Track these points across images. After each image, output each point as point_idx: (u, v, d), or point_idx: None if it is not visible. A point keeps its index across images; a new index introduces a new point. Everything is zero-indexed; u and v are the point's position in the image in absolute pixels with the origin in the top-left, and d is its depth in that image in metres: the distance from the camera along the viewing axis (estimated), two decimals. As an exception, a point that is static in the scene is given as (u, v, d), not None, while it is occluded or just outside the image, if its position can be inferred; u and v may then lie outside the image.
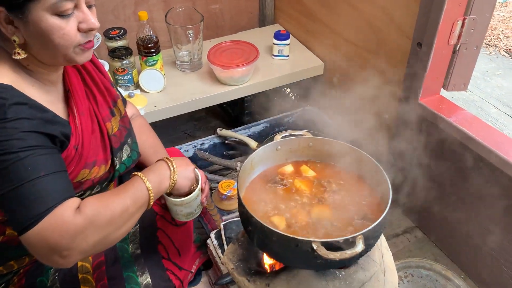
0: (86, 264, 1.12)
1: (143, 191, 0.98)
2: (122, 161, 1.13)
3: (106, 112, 1.10)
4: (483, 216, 1.51)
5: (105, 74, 1.15)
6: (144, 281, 1.14)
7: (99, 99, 1.10)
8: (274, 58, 2.14)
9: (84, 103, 1.05)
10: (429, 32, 1.40)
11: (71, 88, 1.03)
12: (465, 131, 1.40)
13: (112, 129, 1.11)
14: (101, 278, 1.11)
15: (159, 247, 1.24)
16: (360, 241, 0.89)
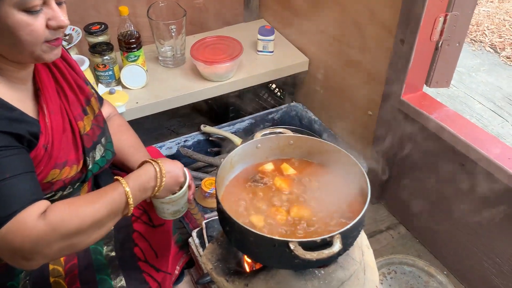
0: (58, 268, 1.10)
1: (121, 197, 0.94)
2: (95, 161, 1.10)
3: (78, 110, 1.07)
4: (466, 213, 1.52)
5: (78, 71, 1.12)
6: (118, 284, 1.12)
7: (70, 97, 1.06)
8: (258, 54, 2.12)
9: (55, 102, 1.02)
10: (411, 28, 1.39)
11: (41, 86, 1.00)
12: (446, 128, 1.40)
13: (84, 128, 1.07)
14: (73, 282, 1.08)
15: (135, 249, 1.22)
16: (337, 240, 0.88)
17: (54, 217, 0.84)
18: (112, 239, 1.19)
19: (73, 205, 0.88)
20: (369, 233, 1.82)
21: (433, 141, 1.53)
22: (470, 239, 1.53)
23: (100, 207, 0.90)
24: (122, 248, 1.19)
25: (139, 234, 1.26)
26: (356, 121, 1.94)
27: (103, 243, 1.17)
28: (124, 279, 1.13)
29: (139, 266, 1.19)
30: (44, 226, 0.83)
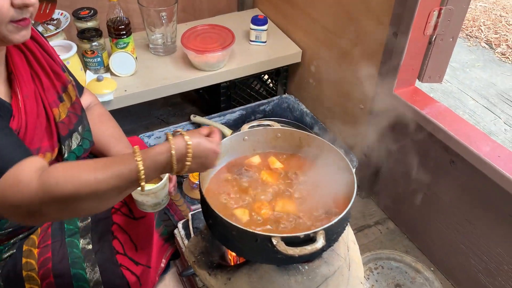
0: (31, 261, 1.07)
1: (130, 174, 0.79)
2: (71, 150, 1.07)
3: (53, 97, 1.04)
4: (454, 210, 1.51)
5: (54, 57, 1.09)
6: (94, 278, 1.10)
7: (45, 83, 1.03)
8: (251, 44, 2.09)
9: (29, 86, 0.99)
10: (405, 21, 1.37)
11: (14, 69, 0.97)
12: (437, 124, 1.38)
13: (60, 116, 1.04)
14: (46, 276, 1.06)
15: (114, 242, 1.19)
16: (321, 236, 0.87)
17: (48, 179, 0.77)
18: (89, 232, 1.16)
19: (73, 170, 0.78)
20: (357, 227, 1.81)
21: (424, 137, 1.51)
22: (458, 236, 1.52)
23: (104, 179, 0.77)
24: (99, 241, 1.17)
25: (118, 227, 1.23)
26: (347, 114, 1.92)
27: (79, 235, 1.15)
28: (100, 273, 1.11)
29: (117, 260, 1.17)
30: (37, 185, 0.76)
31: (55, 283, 1.07)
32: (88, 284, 1.09)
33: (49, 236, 1.13)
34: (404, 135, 1.62)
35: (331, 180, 1.08)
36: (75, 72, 1.56)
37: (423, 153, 1.56)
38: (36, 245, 1.11)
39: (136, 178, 0.79)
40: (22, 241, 1.12)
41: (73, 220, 1.17)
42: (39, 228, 1.14)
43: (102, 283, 1.12)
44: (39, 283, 1.06)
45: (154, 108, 2.36)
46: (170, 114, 2.35)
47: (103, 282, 1.12)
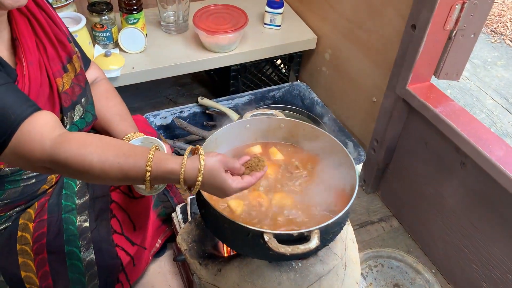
0: (26, 235, 1.06)
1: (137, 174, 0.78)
2: (73, 122, 1.05)
3: (57, 67, 1.02)
4: (460, 213, 1.46)
5: (60, 26, 1.06)
6: (87, 257, 1.08)
7: (50, 52, 1.01)
8: (265, 27, 2.03)
9: (33, 53, 0.97)
10: (424, 14, 1.30)
11: (19, 36, 0.95)
12: (450, 123, 1.32)
13: (63, 86, 1.03)
14: (40, 251, 1.05)
15: (112, 221, 1.18)
16: (315, 236, 0.83)
17: (59, 151, 0.77)
18: (87, 209, 1.14)
19: (86, 150, 0.77)
20: (360, 223, 1.77)
21: (436, 136, 1.46)
22: (463, 240, 1.47)
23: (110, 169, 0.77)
24: (97, 219, 1.15)
25: (117, 205, 1.22)
26: (359, 106, 1.86)
27: (76, 212, 1.13)
28: (94, 252, 1.09)
29: (113, 240, 1.15)
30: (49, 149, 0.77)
31: (48, 259, 1.06)
32: (81, 263, 1.08)
33: (46, 211, 1.12)
34: (415, 132, 1.56)
35: (332, 177, 1.04)
36: (83, 45, 1.53)
37: (433, 152, 1.50)
38: (32, 219, 1.10)
39: (141, 180, 0.79)
40: (18, 214, 1.11)
41: (71, 196, 1.16)
42: (36, 203, 1.13)
43: (95, 263, 1.10)
44: (32, 258, 1.05)
45: (163, 87, 2.32)
46: (179, 94, 2.31)
47: (97, 262, 1.11)
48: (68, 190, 1.15)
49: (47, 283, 1.05)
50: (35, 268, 1.05)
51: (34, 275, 1.05)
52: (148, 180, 0.78)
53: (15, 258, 1.05)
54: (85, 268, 1.08)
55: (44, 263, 1.05)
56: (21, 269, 1.05)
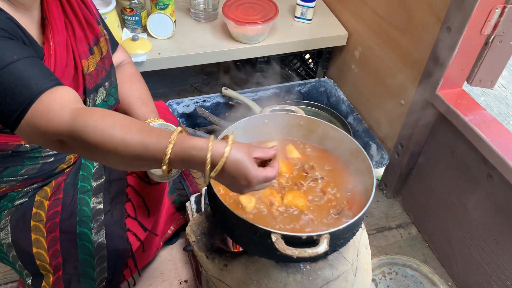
0: (40, 212, 1.07)
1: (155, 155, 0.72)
2: (95, 104, 1.05)
3: (84, 48, 1.02)
4: (483, 227, 1.40)
5: (89, 7, 1.06)
6: (98, 240, 1.08)
7: (78, 33, 1.01)
8: (295, 20, 1.99)
9: (61, 34, 0.97)
10: (461, 16, 1.24)
11: (49, 15, 0.95)
12: (479, 133, 1.26)
13: (88, 68, 1.02)
14: (53, 230, 1.06)
15: (127, 205, 1.18)
16: (325, 240, 0.80)
17: (80, 120, 0.72)
18: (102, 191, 1.15)
19: (107, 122, 0.73)
20: (378, 228, 1.73)
21: (463, 145, 1.39)
22: (483, 255, 1.41)
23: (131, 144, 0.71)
24: (112, 202, 1.16)
25: (132, 189, 1.22)
26: (386, 108, 1.80)
27: (91, 193, 1.14)
28: (105, 236, 1.09)
29: (125, 224, 1.16)
30: (68, 120, 0.73)
31: (59, 238, 1.07)
32: (91, 245, 1.08)
33: (62, 190, 1.13)
34: (442, 139, 1.50)
35: (349, 180, 1.01)
36: (112, 28, 1.53)
37: (459, 162, 1.44)
38: (48, 197, 1.11)
39: (160, 159, 0.72)
40: (35, 191, 1.12)
41: (87, 178, 1.16)
42: (54, 181, 1.14)
43: (105, 246, 1.11)
44: (44, 235, 1.06)
45: (189, 75, 2.32)
46: (204, 83, 2.30)
47: (107, 245, 1.11)
48: (85, 171, 1.16)
49: (57, 261, 1.06)
50: (46, 246, 1.06)
51: (45, 252, 1.06)
52: (168, 154, 0.70)
53: (28, 234, 1.07)
54: (94, 250, 1.08)
55: (56, 242, 1.06)
56: (33, 245, 1.06)
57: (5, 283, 1.45)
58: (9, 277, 1.46)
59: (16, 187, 1.08)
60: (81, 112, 0.74)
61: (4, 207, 1.08)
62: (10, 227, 1.06)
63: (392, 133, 1.78)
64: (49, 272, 1.07)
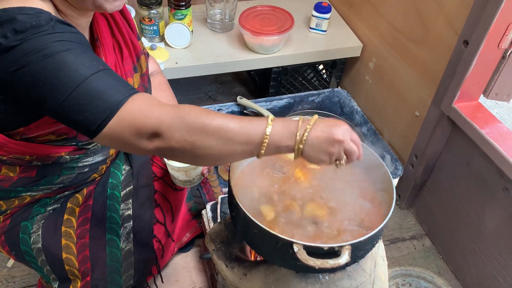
0: (72, 218, 1.09)
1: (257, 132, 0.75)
2: None
3: (129, 67, 1.06)
4: (499, 241, 1.40)
5: (133, 27, 1.10)
6: (126, 247, 1.10)
7: (124, 53, 1.05)
8: (310, 31, 2.01)
9: (111, 55, 1.00)
10: (479, 30, 1.25)
11: (100, 37, 0.98)
12: (495, 146, 1.27)
13: (134, 85, 1.06)
14: (83, 236, 1.08)
15: (156, 210, 1.20)
16: (346, 252, 0.81)
17: (182, 107, 0.75)
18: (131, 198, 1.17)
19: (205, 110, 0.76)
20: (391, 239, 1.73)
21: (479, 157, 1.40)
22: (499, 269, 1.41)
23: (231, 125, 0.75)
24: (141, 207, 1.18)
25: (160, 195, 1.24)
26: (400, 119, 1.81)
27: (120, 200, 1.16)
28: (133, 244, 1.11)
29: (152, 230, 1.18)
30: (170, 108, 0.75)
31: (89, 244, 1.08)
32: (120, 252, 1.10)
33: (92, 197, 1.15)
34: (458, 151, 1.51)
35: (368, 191, 1.02)
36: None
37: (475, 174, 1.44)
38: (79, 204, 1.14)
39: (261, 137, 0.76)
40: (67, 198, 1.14)
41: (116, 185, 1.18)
42: (85, 189, 1.16)
43: (133, 253, 1.12)
44: (74, 241, 1.08)
45: (203, 84, 2.34)
46: (218, 92, 2.33)
47: (134, 253, 1.13)
48: (114, 179, 1.18)
49: (85, 267, 1.07)
50: (76, 251, 1.08)
51: (74, 258, 1.08)
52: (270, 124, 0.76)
53: (58, 239, 1.08)
54: (122, 257, 1.10)
55: (85, 248, 1.08)
56: (63, 250, 1.08)
57: (23, 287, 1.47)
58: (27, 281, 1.48)
59: (50, 194, 1.10)
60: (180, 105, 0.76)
61: (37, 212, 1.10)
62: (42, 232, 1.08)
63: (406, 144, 1.78)
64: (77, 278, 1.08)
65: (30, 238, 1.08)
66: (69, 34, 0.76)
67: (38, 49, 0.72)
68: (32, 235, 1.08)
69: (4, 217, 1.10)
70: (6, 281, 1.48)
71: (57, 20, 0.77)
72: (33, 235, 1.08)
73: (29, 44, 0.72)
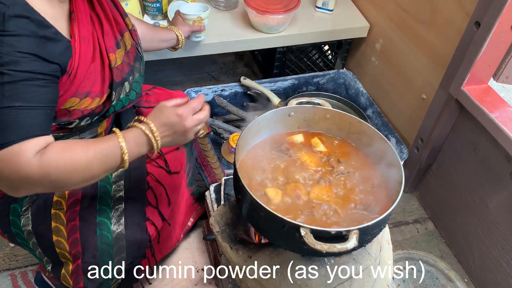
0: (61, 200, 1.08)
1: (115, 150, 0.87)
2: (120, 98, 1.05)
3: (111, 43, 1.02)
4: (503, 226, 1.39)
5: (117, 3, 1.07)
6: (117, 229, 1.08)
7: (105, 28, 1.01)
8: (316, 10, 1.97)
9: (87, 28, 0.97)
10: (491, 12, 1.22)
11: (75, 10, 0.95)
12: (505, 130, 1.25)
13: (116, 61, 1.02)
14: (73, 218, 1.06)
15: (148, 192, 1.18)
16: (354, 236, 0.80)
17: (48, 161, 0.80)
18: (122, 179, 1.15)
19: (69, 152, 0.83)
20: (394, 223, 1.72)
21: (486, 141, 1.38)
22: (503, 254, 1.41)
23: (94, 157, 0.84)
24: (132, 189, 1.16)
25: (153, 177, 1.22)
26: (406, 102, 1.79)
27: (112, 181, 1.14)
28: (125, 225, 1.09)
29: (145, 213, 1.16)
30: (37, 168, 0.79)
31: (79, 227, 1.07)
32: (110, 235, 1.08)
33: None
34: (465, 135, 1.48)
35: (376, 175, 1.00)
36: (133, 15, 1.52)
37: (481, 158, 1.43)
38: None
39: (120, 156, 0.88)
40: None
41: None
42: None
43: (124, 236, 1.11)
44: (64, 224, 1.07)
45: (206, 63, 2.31)
46: (222, 72, 2.29)
47: (126, 236, 1.11)
48: None
49: (76, 250, 1.06)
50: (66, 234, 1.06)
51: (64, 240, 1.06)
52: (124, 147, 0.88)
53: (48, 222, 1.07)
54: (113, 240, 1.08)
55: (75, 230, 1.07)
56: (53, 233, 1.07)
57: (25, 265, 1.47)
58: (29, 260, 1.48)
59: None
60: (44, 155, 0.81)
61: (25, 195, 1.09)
62: (31, 214, 1.07)
63: (411, 127, 1.76)
64: (68, 260, 1.07)
65: (20, 220, 1.07)
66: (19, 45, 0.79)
67: None
68: (21, 218, 1.07)
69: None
70: (9, 259, 1.48)
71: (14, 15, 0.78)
72: (22, 217, 1.07)
73: None
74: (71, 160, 0.82)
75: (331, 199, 0.95)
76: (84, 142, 0.86)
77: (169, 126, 0.92)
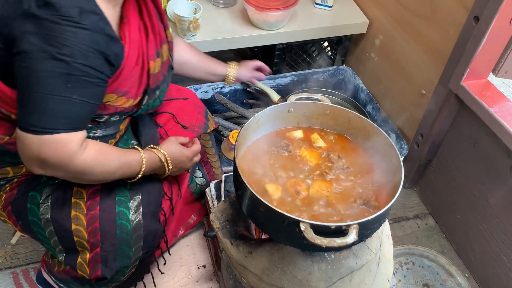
0: (81, 190, 1.09)
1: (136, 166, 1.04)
2: (148, 103, 1.10)
3: (152, 51, 1.07)
4: (503, 220, 1.39)
5: (163, 16, 1.12)
6: (136, 219, 1.11)
7: (150, 36, 1.06)
8: (315, 7, 1.97)
9: (135, 33, 1.02)
10: (490, 6, 1.22)
11: (128, 14, 1.00)
12: (505, 125, 1.25)
13: (154, 69, 1.07)
14: (93, 208, 1.07)
15: (164, 183, 1.22)
16: (353, 231, 0.80)
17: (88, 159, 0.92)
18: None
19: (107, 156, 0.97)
20: (395, 218, 1.73)
21: (486, 137, 1.38)
22: (503, 248, 1.41)
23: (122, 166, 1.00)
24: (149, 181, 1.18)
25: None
26: (406, 97, 1.79)
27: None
28: (142, 215, 1.13)
29: (160, 203, 1.20)
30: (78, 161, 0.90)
31: (99, 216, 1.08)
32: (129, 224, 1.10)
33: None
34: (465, 130, 1.49)
35: (376, 170, 1.00)
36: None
37: (481, 154, 1.43)
38: None
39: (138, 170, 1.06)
40: None
41: None
42: None
43: (142, 226, 1.12)
44: (84, 213, 1.07)
45: (206, 60, 2.30)
46: (221, 69, 2.29)
47: (143, 225, 1.13)
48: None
49: (95, 239, 1.07)
50: (85, 223, 1.07)
51: (84, 229, 1.07)
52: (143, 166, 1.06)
53: (68, 210, 1.08)
54: (132, 229, 1.10)
55: (95, 220, 1.08)
56: (72, 221, 1.08)
57: (27, 263, 1.47)
58: (31, 258, 1.49)
59: None
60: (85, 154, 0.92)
61: (45, 184, 1.10)
62: (51, 203, 1.08)
63: (411, 123, 1.76)
64: (85, 249, 1.08)
65: (39, 208, 1.09)
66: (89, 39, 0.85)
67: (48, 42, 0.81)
68: (40, 206, 1.08)
69: (11, 186, 1.11)
70: (10, 257, 1.49)
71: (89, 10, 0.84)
72: (41, 205, 1.08)
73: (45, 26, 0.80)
74: (106, 164, 0.97)
75: (331, 194, 0.95)
76: (117, 151, 1.01)
77: (177, 162, 1.15)
